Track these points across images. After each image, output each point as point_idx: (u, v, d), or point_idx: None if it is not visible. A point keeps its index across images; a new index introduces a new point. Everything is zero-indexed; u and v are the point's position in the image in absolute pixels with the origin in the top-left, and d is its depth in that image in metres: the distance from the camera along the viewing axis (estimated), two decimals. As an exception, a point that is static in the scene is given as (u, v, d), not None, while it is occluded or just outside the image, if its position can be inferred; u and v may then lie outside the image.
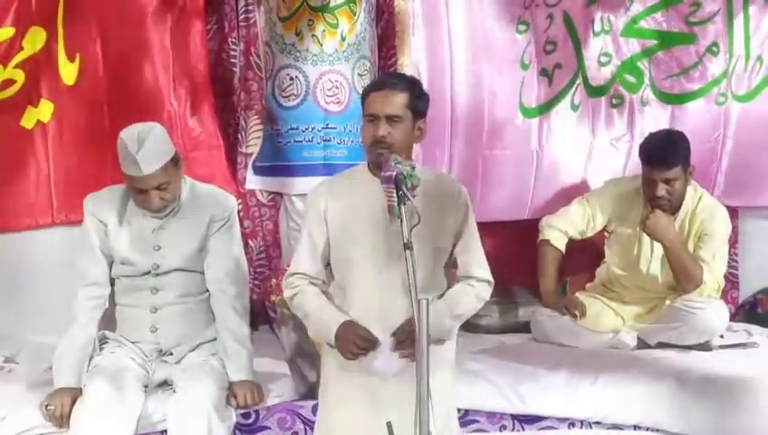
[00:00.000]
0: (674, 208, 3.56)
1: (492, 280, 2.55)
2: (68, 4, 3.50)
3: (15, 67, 3.46)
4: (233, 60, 3.75)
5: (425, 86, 3.73)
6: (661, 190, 3.49)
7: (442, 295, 2.47)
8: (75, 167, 3.60)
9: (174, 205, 2.93)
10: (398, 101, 2.41)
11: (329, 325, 2.40)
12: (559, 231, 3.74)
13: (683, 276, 3.50)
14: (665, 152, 3.52)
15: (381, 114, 2.40)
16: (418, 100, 2.47)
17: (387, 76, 2.57)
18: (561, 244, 3.74)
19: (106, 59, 3.57)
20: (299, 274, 2.51)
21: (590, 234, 3.80)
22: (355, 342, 2.36)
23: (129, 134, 2.83)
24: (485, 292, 2.54)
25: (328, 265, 2.53)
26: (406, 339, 2.33)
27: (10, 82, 3.47)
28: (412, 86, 2.50)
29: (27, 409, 2.78)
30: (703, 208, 3.63)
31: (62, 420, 2.71)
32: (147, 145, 2.77)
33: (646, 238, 3.64)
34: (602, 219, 3.77)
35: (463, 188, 2.56)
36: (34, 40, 3.47)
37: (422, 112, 2.49)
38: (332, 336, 2.40)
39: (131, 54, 3.59)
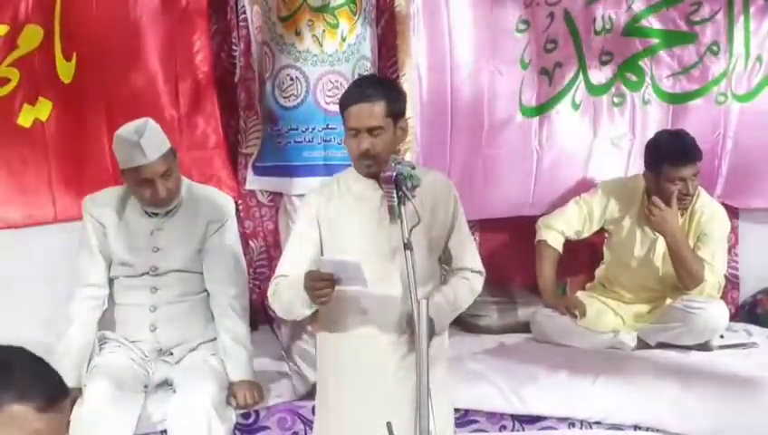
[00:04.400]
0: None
1: (483, 271, 2.57)
2: (66, 1, 3.49)
3: (10, 66, 3.45)
4: (233, 60, 3.75)
5: (425, 86, 3.82)
6: (691, 187, 3.50)
7: (438, 289, 2.48)
8: (76, 164, 3.60)
9: (176, 200, 2.94)
10: (377, 113, 2.40)
11: (298, 288, 2.34)
12: (555, 231, 3.74)
13: (684, 272, 3.50)
14: (692, 148, 3.53)
15: (363, 128, 2.40)
16: (396, 103, 2.47)
17: (361, 86, 2.55)
18: (557, 244, 3.74)
19: (105, 58, 3.56)
20: (282, 275, 2.50)
21: (586, 234, 3.79)
22: (312, 285, 2.29)
23: (125, 129, 2.86)
24: (479, 283, 2.56)
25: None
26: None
27: (4, 80, 3.46)
28: (388, 91, 2.49)
29: (27, 409, 2.79)
30: (701, 207, 3.63)
31: (62, 421, 2.72)
32: (147, 133, 2.81)
33: (645, 237, 3.64)
34: (599, 219, 3.76)
35: (450, 181, 2.59)
36: (30, 38, 3.46)
37: (401, 113, 2.51)
38: (304, 293, 2.33)
39: (132, 53, 3.59)
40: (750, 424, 3.05)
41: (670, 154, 3.52)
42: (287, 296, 2.43)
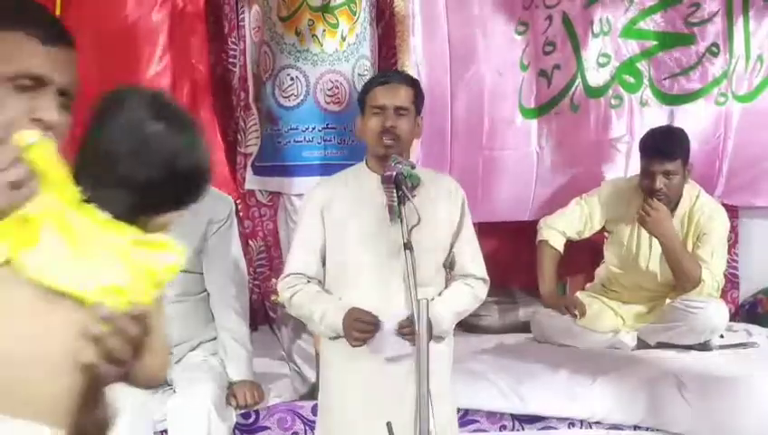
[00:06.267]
0: (671, 204, 3.55)
1: (488, 278, 2.56)
2: (65, 3, 3.49)
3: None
4: (232, 60, 3.75)
5: (424, 86, 3.80)
6: (660, 183, 3.47)
7: (440, 293, 2.47)
8: (73, 165, 3.59)
9: None
10: (405, 95, 2.46)
11: (335, 317, 2.39)
12: (557, 231, 3.74)
13: (680, 273, 3.50)
14: (666, 144, 3.52)
15: (390, 106, 2.42)
16: (420, 96, 2.54)
17: (390, 72, 2.63)
18: (559, 244, 3.73)
19: (102, 58, 3.56)
20: (296, 274, 2.50)
21: (587, 234, 3.79)
22: (356, 325, 2.34)
23: None
24: (482, 291, 2.54)
25: (323, 264, 2.52)
26: (407, 326, 2.32)
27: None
28: (415, 83, 2.57)
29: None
30: (701, 208, 3.63)
31: (62, 420, 2.71)
32: None
33: (644, 237, 3.64)
34: (600, 220, 3.76)
35: (459, 186, 2.57)
36: (29, 38, 3.46)
37: (420, 110, 2.54)
38: (340, 326, 2.38)
39: (129, 54, 3.59)
40: (750, 424, 3.05)
41: (643, 146, 3.57)
42: (311, 309, 2.45)
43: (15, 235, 1.06)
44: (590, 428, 3.12)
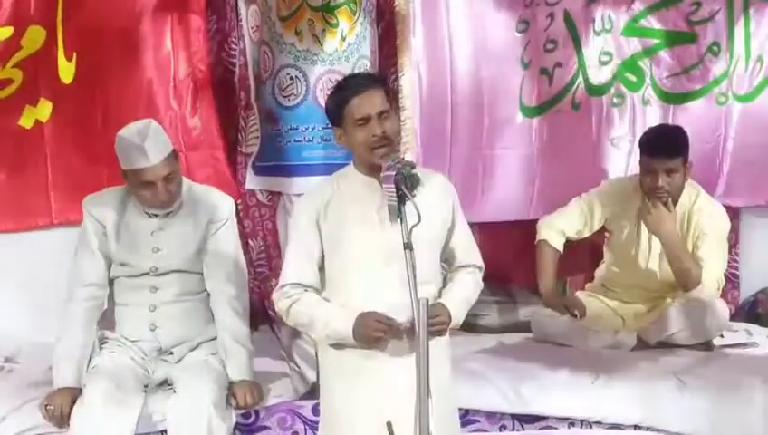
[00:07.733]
0: (673, 202, 3.55)
1: (483, 265, 2.58)
2: (67, 2, 3.50)
3: (14, 67, 3.46)
4: (233, 59, 3.75)
5: (424, 86, 3.82)
6: (662, 180, 3.47)
7: (446, 286, 2.48)
8: (73, 167, 3.60)
9: (177, 203, 2.94)
10: (382, 97, 2.42)
11: (343, 323, 2.36)
12: (556, 231, 3.73)
13: (680, 273, 3.49)
14: (667, 141, 3.52)
15: (374, 113, 2.39)
16: (389, 94, 2.54)
17: (358, 79, 2.57)
18: (558, 243, 3.73)
19: (104, 58, 3.57)
20: (293, 283, 2.47)
21: (587, 234, 3.78)
22: (376, 326, 2.30)
23: (128, 131, 2.86)
24: (481, 277, 2.58)
25: (321, 270, 2.51)
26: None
27: (8, 81, 3.47)
28: (383, 82, 2.57)
29: (27, 409, 2.80)
30: (700, 207, 3.62)
31: (62, 420, 2.72)
32: (150, 136, 2.81)
33: (644, 237, 3.64)
34: (600, 219, 3.75)
35: (448, 181, 2.59)
36: (33, 39, 3.47)
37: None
38: (350, 332, 2.35)
39: (130, 53, 3.59)
40: (749, 424, 3.05)
41: (643, 144, 3.58)
42: (312, 316, 2.42)
43: None
44: (590, 428, 3.12)
